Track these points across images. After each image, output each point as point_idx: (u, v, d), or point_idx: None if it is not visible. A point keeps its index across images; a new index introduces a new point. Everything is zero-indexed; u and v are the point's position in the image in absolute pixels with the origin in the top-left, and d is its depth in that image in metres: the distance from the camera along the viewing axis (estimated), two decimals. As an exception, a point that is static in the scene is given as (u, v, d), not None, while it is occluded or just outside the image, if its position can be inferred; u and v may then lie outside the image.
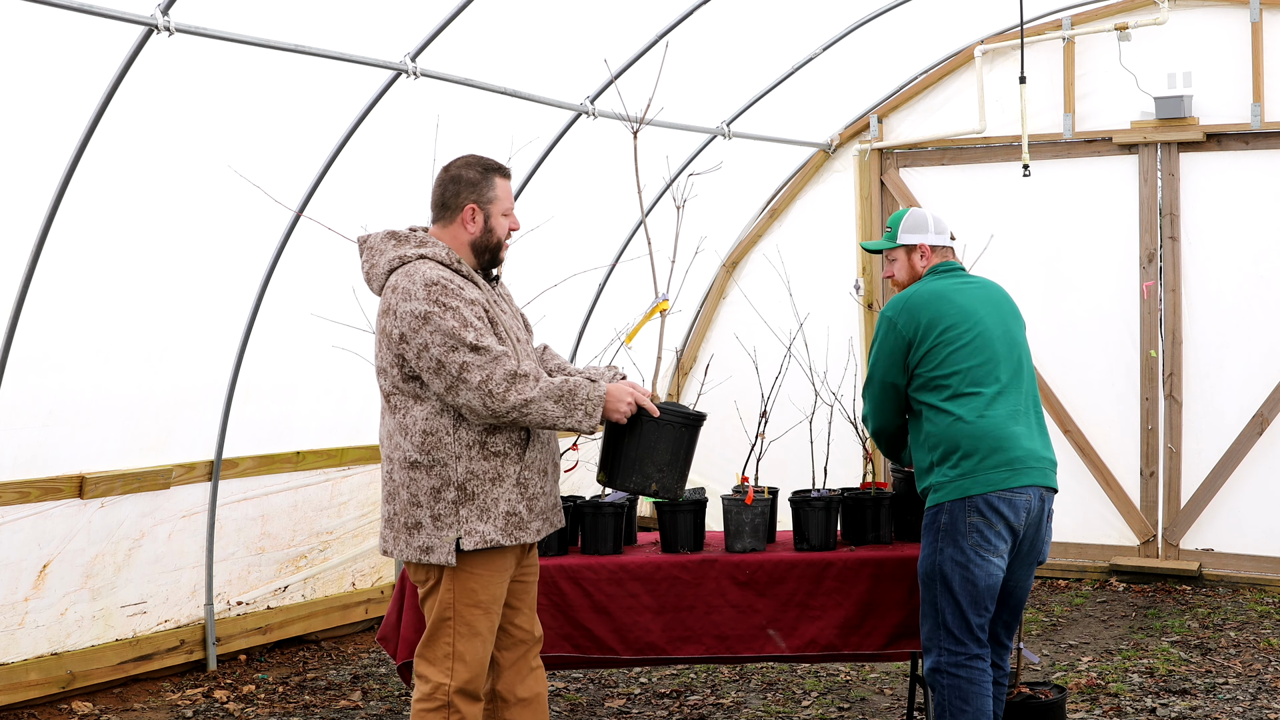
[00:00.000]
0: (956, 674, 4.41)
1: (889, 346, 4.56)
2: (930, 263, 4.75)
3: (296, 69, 5.46)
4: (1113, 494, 8.10)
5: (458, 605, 3.97)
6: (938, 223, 4.77)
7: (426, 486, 3.92)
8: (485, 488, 3.93)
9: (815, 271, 8.54)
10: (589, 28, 6.41)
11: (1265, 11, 7.49)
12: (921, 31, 7.90)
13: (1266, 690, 5.83)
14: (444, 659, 3.98)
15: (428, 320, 3.82)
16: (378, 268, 4.03)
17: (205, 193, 5.60)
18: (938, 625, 4.44)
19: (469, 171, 4.11)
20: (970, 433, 4.40)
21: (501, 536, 3.95)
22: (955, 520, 4.39)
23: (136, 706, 5.93)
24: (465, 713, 3.99)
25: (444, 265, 3.97)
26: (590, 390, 3.94)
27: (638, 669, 6.37)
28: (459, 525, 3.90)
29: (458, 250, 4.08)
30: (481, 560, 3.97)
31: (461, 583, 3.96)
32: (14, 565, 5.56)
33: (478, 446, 3.92)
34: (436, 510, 3.91)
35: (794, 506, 5.07)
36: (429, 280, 3.87)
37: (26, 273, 5.13)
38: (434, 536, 3.92)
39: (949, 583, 4.40)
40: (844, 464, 5.91)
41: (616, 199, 7.82)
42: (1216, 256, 7.84)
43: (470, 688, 4.00)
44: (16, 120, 4.89)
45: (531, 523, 4.03)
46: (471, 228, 4.08)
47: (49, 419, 5.57)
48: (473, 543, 3.91)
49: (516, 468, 3.98)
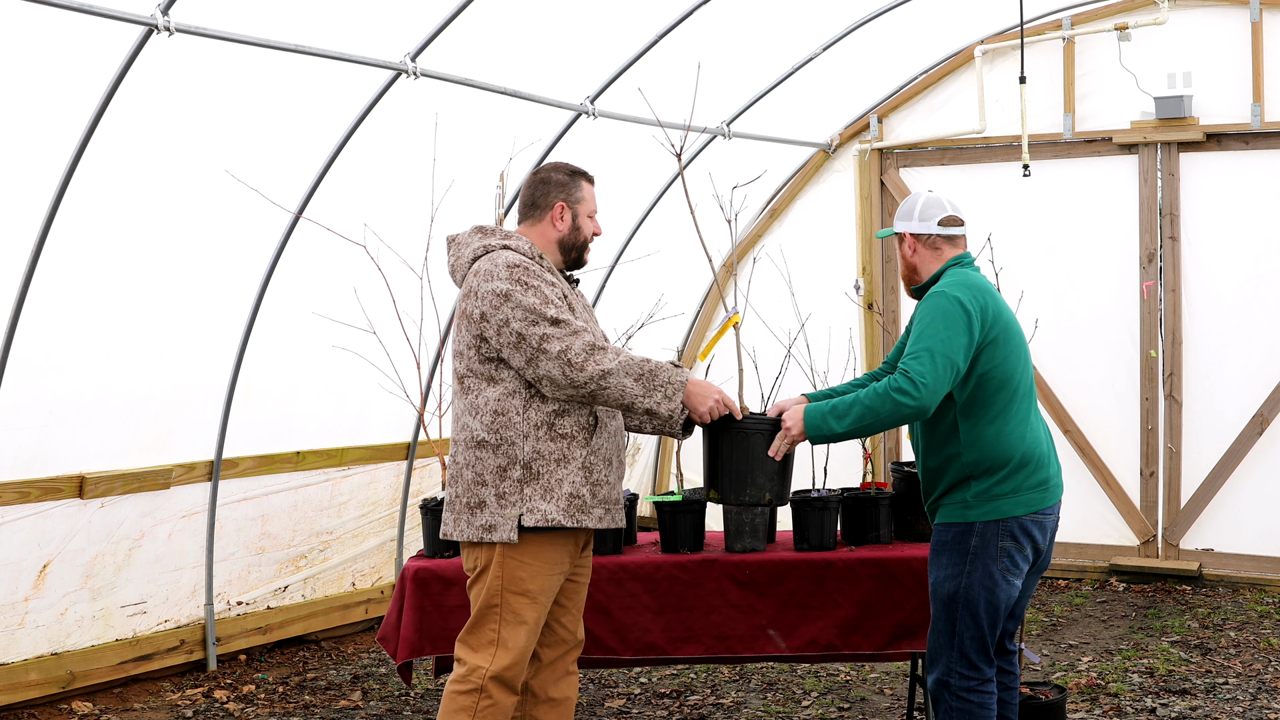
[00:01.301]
0: (968, 699, 4.27)
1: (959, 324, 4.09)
2: (918, 249, 4.41)
3: (296, 69, 5.46)
4: (1113, 494, 8.11)
5: (505, 593, 3.99)
6: (926, 207, 4.41)
7: (492, 465, 3.97)
8: (550, 468, 3.97)
9: (815, 271, 8.54)
10: (589, 28, 6.41)
11: (1265, 11, 7.49)
12: (921, 31, 7.90)
13: (1266, 690, 5.83)
14: (487, 645, 4.00)
15: (509, 297, 3.91)
16: (462, 258, 4.15)
17: (205, 192, 5.60)
18: (952, 646, 4.26)
19: (558, 174, 4.27)
20: (1018, 449, 4.18)
21: (563, 517, 3.97)
22: (987, 543, 4.19)
23: (136, 706, 5.93)
24: (498, 699, 3.98)
25: (526, 256, 4.08)
26: (673, 374, 3.98)
27: (638, 669, 6.37)
28: (522, 503, 3.95)
29: (544, 247, 4.21)
30: (533, 550, 3.99)
31: (510, 570, 3.99)
32: (14, 565, 5.56)
33: (545, 427, 3.97)
34: (502, 489, 3.96)
35: (794, 506, 5.06)
36: (511, 263, 3.98)
37: (26, 273, 5.12)
38: (497, 515, 3.95)
39: (974, 607, 4.21)
40: (844, 464, 5.91)
41: (617, 199, 7.83)
42: (1216, 256, 7.84)
43: (509, 675, 3.99)
44: (16, 120, 4.89)
45: (594, 508, 4.04)
46: (560, 225, 4.21)
47: (49, 419, 5.57)
48: (534, 520, 3.93)
49: (583, 451, 4.01)
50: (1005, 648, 4.54)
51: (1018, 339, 4.29)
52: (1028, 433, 4.24)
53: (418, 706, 5.96)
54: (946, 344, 4.08)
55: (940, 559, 4.27)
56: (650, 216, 8.03)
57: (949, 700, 4.31)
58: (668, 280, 8.00)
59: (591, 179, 4.32)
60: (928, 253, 4.43)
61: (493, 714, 3.98)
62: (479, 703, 3.96)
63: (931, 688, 4.38)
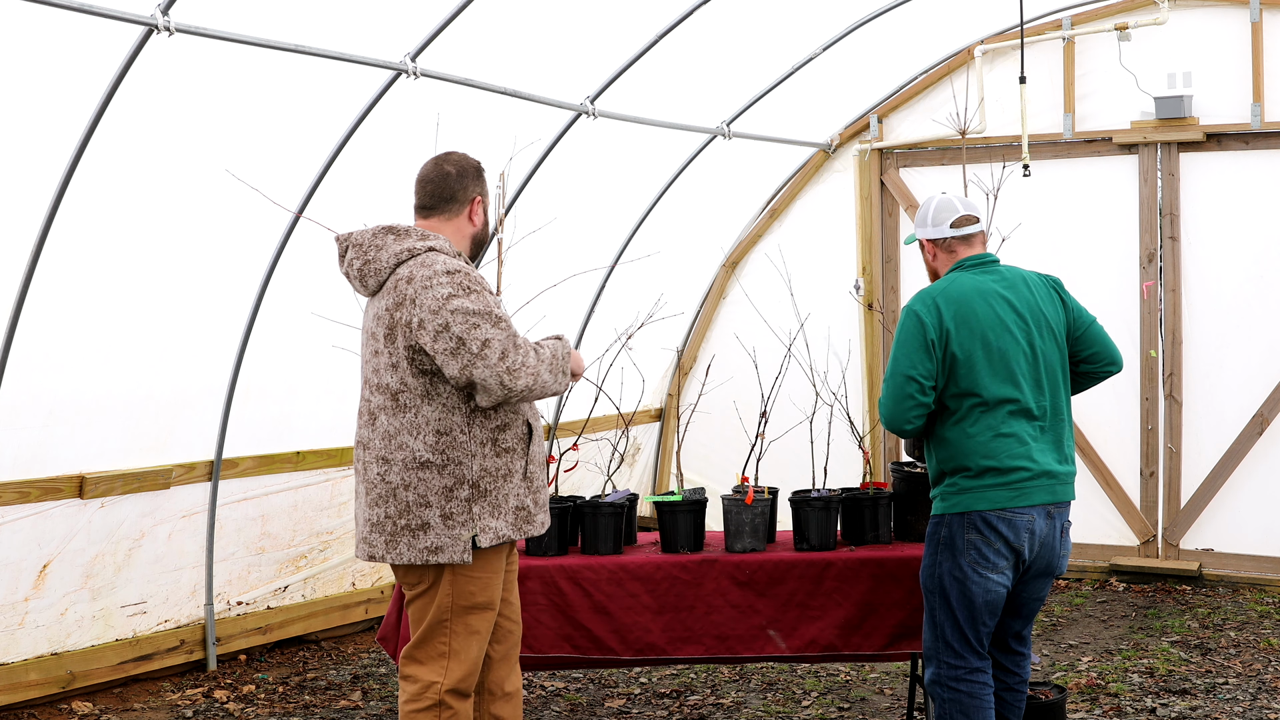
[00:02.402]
0: (956, 688, 4.35)
1: (910, 338, 4.32)
2: (938, 254, 4.54)
3: (296, 69, 5.46)
4: (1113, 494, 8.10)
5: (457, 608, 3.96)
6: (937, 212, 4.52)
7: (438, 486, 3.89)
8: (498, 484, 3.94)
9: (815, 271, 8.54)
10: (589, 28, 6.41)
11: (1265, 11, 7.49)
12: (921, 31, 7.90)
13: (1266, 690, 5.83)
14: (438, 658, 3.96)
15: (449, 301, 3.81)
16: (377, 263, 3.98)
17: (205, 192, 5.60)
18: (937, 637, 4.39)
19: (469, 165, 4.12)
20: (979, 450, 4.27)
21: (512, 531, 3.97)
22: (954, 535, 4.31)
23: (136, 706, 5.93)
24: (458, 708, 3.97)
25: (452, 258, 3.97)
26: (561, 348, 3.99)
27: (638, 669, 6.37)
28: (473, 523, 3.90)
29: (459, 243, 4.08)
30: (481, 563, 3.97)
31: (462, 587, 3.95)
32: (14, 565, 5.56)
33: (490, 444, 3.93)
34: (448, 509, 3.89)
35: (794, 506, 5.07)
36: (449, 269, 3.87)
37: (26, 273, 5.12)
38: (444, 535, 3.88)
39: (947, 596, 4.34)
40: (844, 464, 5.91)
41: (617, 199, 7.83)
42: (1216, 256, 7.84)
43: (464, 685, 3.98)
44: (16, 120, 4.89)
45: (537, 515, 4.06)
46: (476, 220, 4.11)
47: (49, 419, 5.57)
48: (489, 539, 3.91)
49: (523, 462, 4.00)
50: (1010, 647, 4.56)
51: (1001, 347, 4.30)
52: (1004, 444, 4.27)
53: (418, 706, 5.97)
54: (898, 362, 4.33)
55: (925, 550, 4.47)
56: (650, 216, 8.03)
57: (941, 693, 4.39)
58: (668, 280, 8.01)
59: None
60: (945, 256, 4.55)
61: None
62: (440, 716, 3.94)
63: (927, 684, 4.45)
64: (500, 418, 3.95)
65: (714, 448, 8.41)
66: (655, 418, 9.13)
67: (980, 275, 4.43)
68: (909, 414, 4.32)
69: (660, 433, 9.20)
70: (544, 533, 4.13)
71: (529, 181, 6.93)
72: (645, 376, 8.61)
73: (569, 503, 5.15)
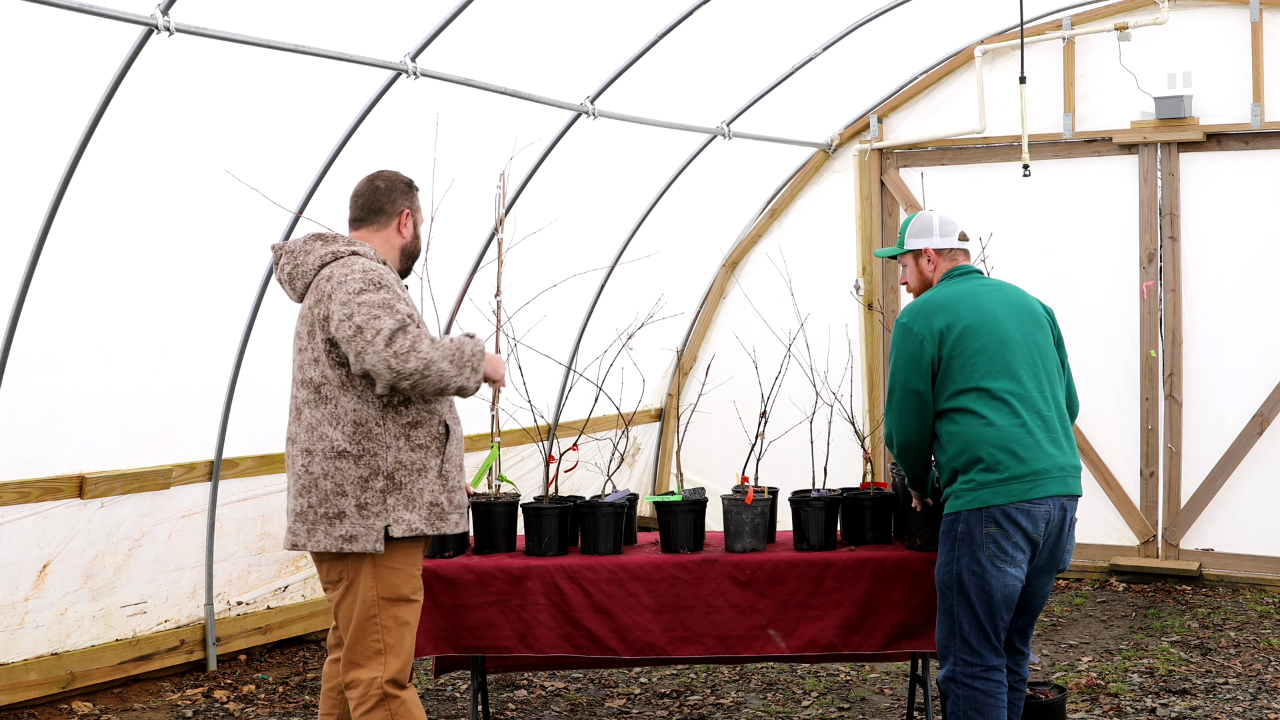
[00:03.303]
0: (972, 685, 4.35)
1: (906, 352, 4.45)
2: (939, 267, 4.69)
3: (296, 69, 5.46)
4: (1113, 494, 8.11)
5: (382, 602, 4.05)
6: (944, 224, 4.70)
7: (354, 476, 4.00)
8: (412, 478, 4.05)
9: (815, 271, 8.54)
10: (589, 28, 6.41)
11: (1265, 11, 7.49)
12: (921, 31, 7.90)
13: (1266, 690, 5.83)
14: (374, 655, 4.05)
15: (359, 295, 3.94)
16: (304, 265, 4.13)
17: (205, 192, 5.60)
18: (953, 634, 4.39)
19: (400, 181, 4.29)
20: (992, 441, 4.31)
21: (425, 525, 4.06)
22: (972, 530, 4.32)
23: (136, 706, 5.93)
24: (403, 696, 4.07)
25: (375, 263, 4.12)
26: (474, 346, 4.02)
27: (638, 669, 6.37)
28: (387, 514, 4.00)
29: (386, 254, 4.24)
30: (401, 555, 4.07)
31: (385, 579, 4.05)
32: (14, 565, 5.56)
33: (404, 438, 4.04)
34: (363, 499, 4.00)
35: (794, 506, 5.07)
36: (366, 269, 4.02)
37: (26, 273, 5.12)
38: (359, 525, 4.00)
39: (966, 591, 4.34)
40: (844, 464, 5.91)
41: (617, 199, 7.83)
42: (1216, 256, 7.84)
43: (402, 676, 4.08)
44: (16, 120, 4.89)
45: (451, 514, 4.15)
46: (405, 232, 4.26)
47: (49, 419, 5.57)
48: (401, 530, 4.01)
49: (438, 460, 4.10)
50: (1014, 645, 4.56)
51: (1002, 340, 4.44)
52: (1007, 426, 4.34)
53: (418, 706, 5.97)
54: (906, 377, 4.44)
55: (941, 548, 4.45)
56: (650, 216, 8.03)
57: (955, 690, 4.38)
58: (668, 280, 8.01)
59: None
60: (946, 265, 4.71)
61: (405, 711, 4.05)
62: (391, 709, 4.03)
63: (941, 683, 4.44)
64: (413, 414, 4.06)
65: (714, 448, 8.41)
66: (655, 418, 9.14)
67: (970, 280, 4.62)
68: (917, 424, 4.46)
69: (660, 433, 9.20)
70: (456, 531, 4.20)
71: (529, 181, 6.93)
72: (645, 376, 8.61)
73: (569, 503, 5.15)
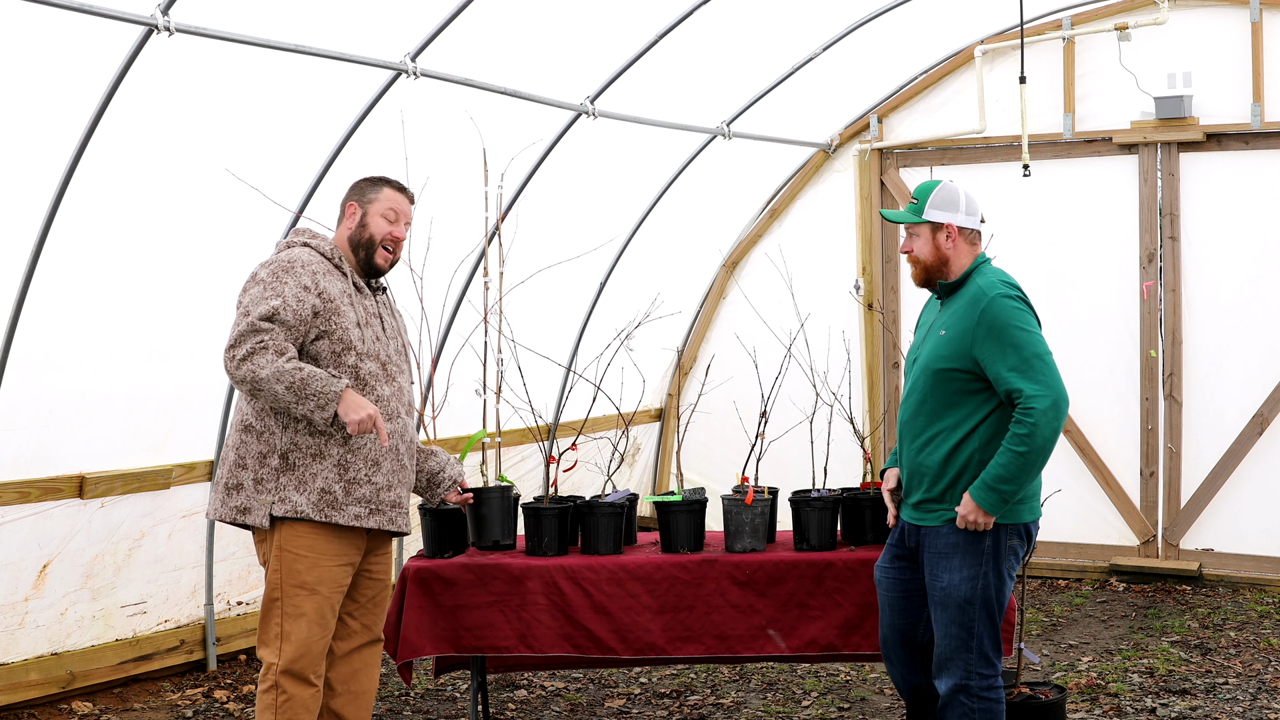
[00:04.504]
0: (988, 697, 4.25)
1: (1032, 318, 4.21)
2: (959, 247, 4.36)
3: (296, 69, 5.46)
4: (1113, 494, 8.11)
5: (285, 585, 4.07)
6: (969, 202, 4.37)
7: (255, 450, 4.09)
8: (306, 461, 4.07)
9: (815, 271, 8.54)
10: (589, 28, 6.41)
11: (1265, 11, 7.49)
12: (921, 31, 7.90)
13: (1266, 690, 5.83)
14: (275, 639, 4.08)
15: (245, 288, 4.09)
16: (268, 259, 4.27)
17: (205, 192, 5.60)
18: (967, 647, 4.23)
19: (363, 181, 4.40)
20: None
21: (312, 511, 4.06)
22: (999, 544, 4.21)
23: (136, 706, 5.93)
24: (292, 693, 4.04)
25: (322, 256, 4.21)
26: (327, 385, 4.01)
27: (638, 669, 6.37)
28: (276, 491, 4.05)
29: (343, 248, 4.33)
30: (308, 541, 4.08)
31: (288, 563, 4.08)
32: (14, 565, 5.56)
33: (305, 421, 4.06)
34: (260, 474, 4.07)
35: (794, 506, 5.07)
36: (282, 260, 4.12)
37: (26, 273, 5.12)
38: (252, 499, 4.07)
39: (990, 607, 4.22)
40: (844, 464, 5.91)
41: (617, 199, 7.83)
42: (1216, 256, 7.84)
43: (297, 668, 4.05)
44: (16, 120, 4.89)
45: (349, 506, 4.11)
46: (349, 223, 4.33)
47: (49, 419, 5.57)
48: (284, 510, 4.04)
49: (340, 450, 4.10)
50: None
51: None
52: None
53: (418, 706, 5.97)
54: (1039, 342, 4.18)
55: (952, 561, 4.23)
56: (650, 216, 8.03)
57: (968, 703, 4.25)
58: (668, 280, 8.01)
59: (401, 188, 4.37)
60: (966, 247, 4.40)
61: (290, 709, 4.04)
62: (277, 699, 4.04)
63: (945, 696, 4.29)
64: None
65: (714, 448, 8.41)
66: (655, 418, 9.13)
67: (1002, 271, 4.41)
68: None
69: (660, 433, 9.20)
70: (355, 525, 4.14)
71: (529, 181, 6.93)
72: (645, 376, 8.61)
73: (569, 503, 5.15)
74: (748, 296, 8.52)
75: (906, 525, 4.42)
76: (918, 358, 4.40)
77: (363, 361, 4.16)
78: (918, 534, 4.36)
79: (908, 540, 4.42)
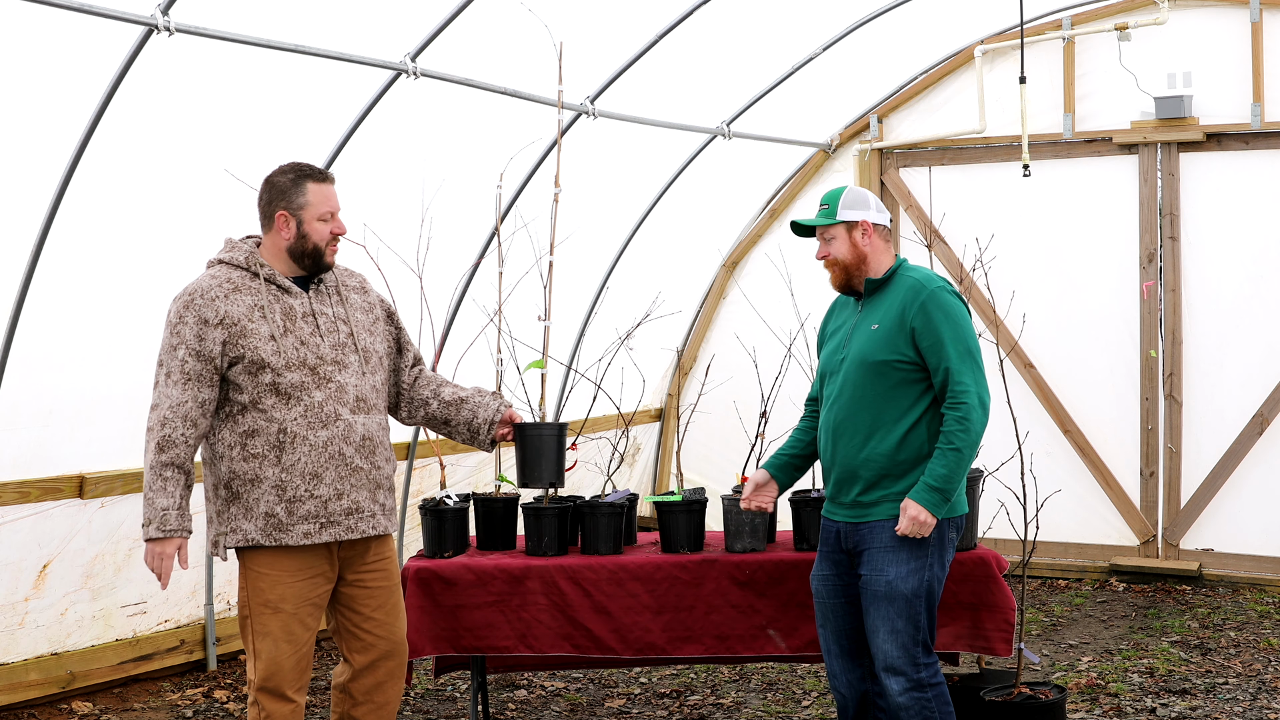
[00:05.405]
0: (936, 683, 4.28)
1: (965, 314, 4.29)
2: (874, 244, 4.45)
3: (296, 69, 5.46)
4: (1112, 494, 8.11)
5: (251, 604, 4.07)
6: (878, 201, 4.50)
7: (210, 483, 4.12)
8: (246, 488, 4.04)
9: (815, 271, 8.46)
10: (589, 28, 6.41)
11: (1265, 11, 7.49)
12: (921, 31, 7.91)
13: (1266, 690, 5.83)
14: (251, 655, 4.09)
15: (164, 331, 4.11)
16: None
17: (205, 192, 5.60)
18: (915, 642, 4.24)
19: (281, 178, 4.14)
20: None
21: (262, 537, 4.03)
22: (943, 536, 4.27)
23: (136, 706, 5.94)
24: (270, 710, 4.03)
25: (239, 268, 4.09)
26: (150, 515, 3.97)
27: (638, 669, 6.37)
28: (228, 522, 4.06)
29: (275, 256, 4.14)
30: (269, 560, 4.05)
31: (252, 582, 4.07)
32: (14, 565, 5.56)
33: (239, 448, 4.04)
34: (217, 506, 4.10)
35: (794, 506, 5.07)
36: (187, 295, 4.06)
37: (26, 273, 5.13)
38: (217, 530, 4.09)
39: (933, 599, 4.27)
40: (844, 464, 5.89)
41: (617, 199, 7.83)
42: (1216, 256, 7.84)
43: (270, 685, 4.03)
44: (16, 120, 4.89)
45: (294, 526, 4.03)
46: (286, 235, 4.11)
47: (49, 419, 5.57)
48: (236, 540, 4.05)
49: (274, 470, 4.02)
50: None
51: None
52: None
53: (418, 706, 5.97)
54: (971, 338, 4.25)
55: (899, 554, 4.22)
56: (650, 216, 8.03)
57: (922, 695, 4.24)
58: (668, 279, 8.01)
59: (324, 177, 4.13)
60: (883, 244, 4.51)
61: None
62: (258, 715, 4.05)
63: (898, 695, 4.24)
64: (249, 421, 4.02)
65: (714, 447, 8.41)
66: (655, 418, 9.13)
67: None
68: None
69: (660, 433, 9.20)
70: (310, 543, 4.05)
71: (529, 181, 6.93)
72: (645, 376, 8.61)
73: (569, 503, 5.15)
74: (748, 296, 8.52)
75: (842, 527, 4.37)
76: (845, 357, 4.40)
77: (282, 375, 3.99)
78: (857, 533, 4.32)
79: (844, 542, 4.37)
